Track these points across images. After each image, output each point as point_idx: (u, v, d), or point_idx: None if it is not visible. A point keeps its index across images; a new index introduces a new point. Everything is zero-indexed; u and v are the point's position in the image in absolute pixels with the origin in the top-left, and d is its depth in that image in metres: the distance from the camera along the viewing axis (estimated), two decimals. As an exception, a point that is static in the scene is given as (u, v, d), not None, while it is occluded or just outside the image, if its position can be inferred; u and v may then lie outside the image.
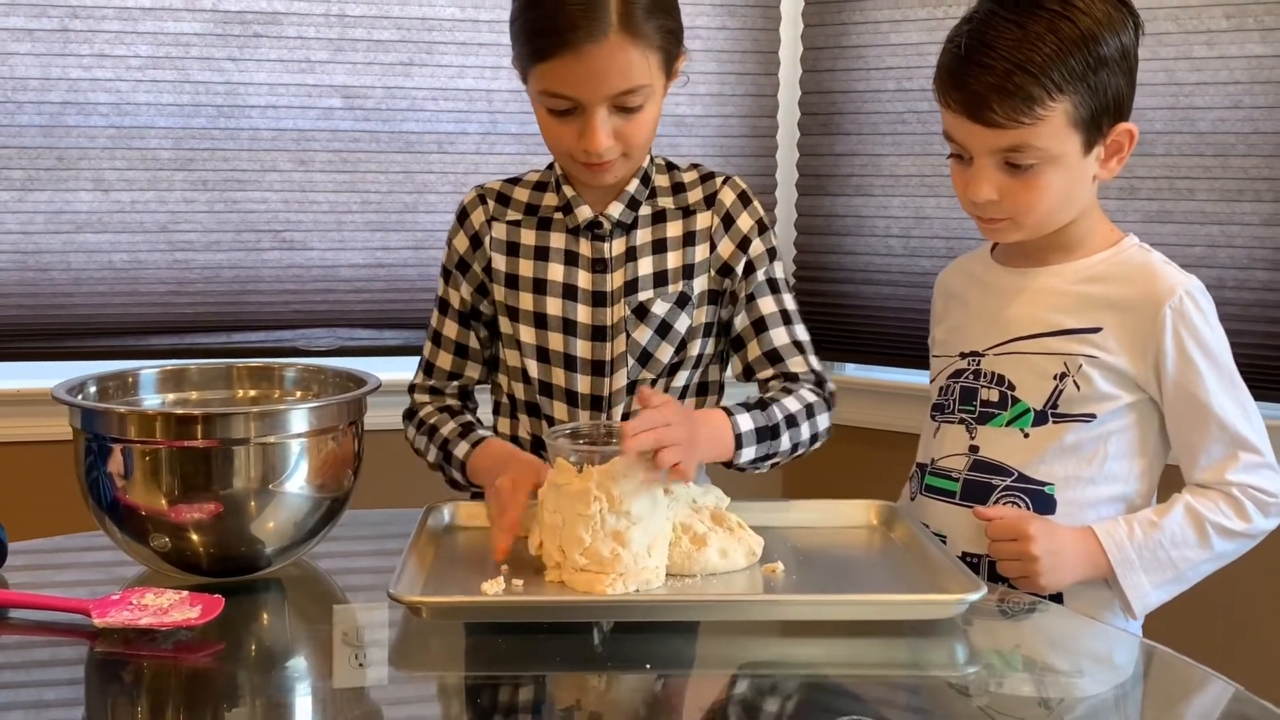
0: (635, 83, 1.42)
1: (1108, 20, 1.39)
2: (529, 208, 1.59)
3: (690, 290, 1.56)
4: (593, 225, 1.55)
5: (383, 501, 1.56)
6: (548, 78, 1.41)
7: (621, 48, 1.39)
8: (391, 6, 2.35)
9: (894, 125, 2.44)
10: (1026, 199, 1.42)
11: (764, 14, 2.51)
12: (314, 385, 1.49)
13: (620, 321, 1.54)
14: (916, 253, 2.43)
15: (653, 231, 1.57)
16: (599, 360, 1.55)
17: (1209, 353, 1.43)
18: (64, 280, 2.29)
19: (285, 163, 2.35)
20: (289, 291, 2.39)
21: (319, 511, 1.32)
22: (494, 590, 1.21)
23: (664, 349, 1.55)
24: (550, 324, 1.55)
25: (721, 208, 1.58)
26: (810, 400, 1.51)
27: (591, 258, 1.56)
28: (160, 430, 1.24)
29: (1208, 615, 2.09)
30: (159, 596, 1.20)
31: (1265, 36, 2.09)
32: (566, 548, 1.24)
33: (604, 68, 1.39)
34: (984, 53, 1.38)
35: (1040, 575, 1.39)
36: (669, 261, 1.56)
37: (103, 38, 2.25)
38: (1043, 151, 1.39)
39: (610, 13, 1.38)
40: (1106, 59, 1.38)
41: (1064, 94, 1.37)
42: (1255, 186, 2.12)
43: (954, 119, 1.42)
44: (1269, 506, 1.43)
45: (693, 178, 1.61)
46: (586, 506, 1.22)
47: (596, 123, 1.42)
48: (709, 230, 1.57)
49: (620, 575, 1.22)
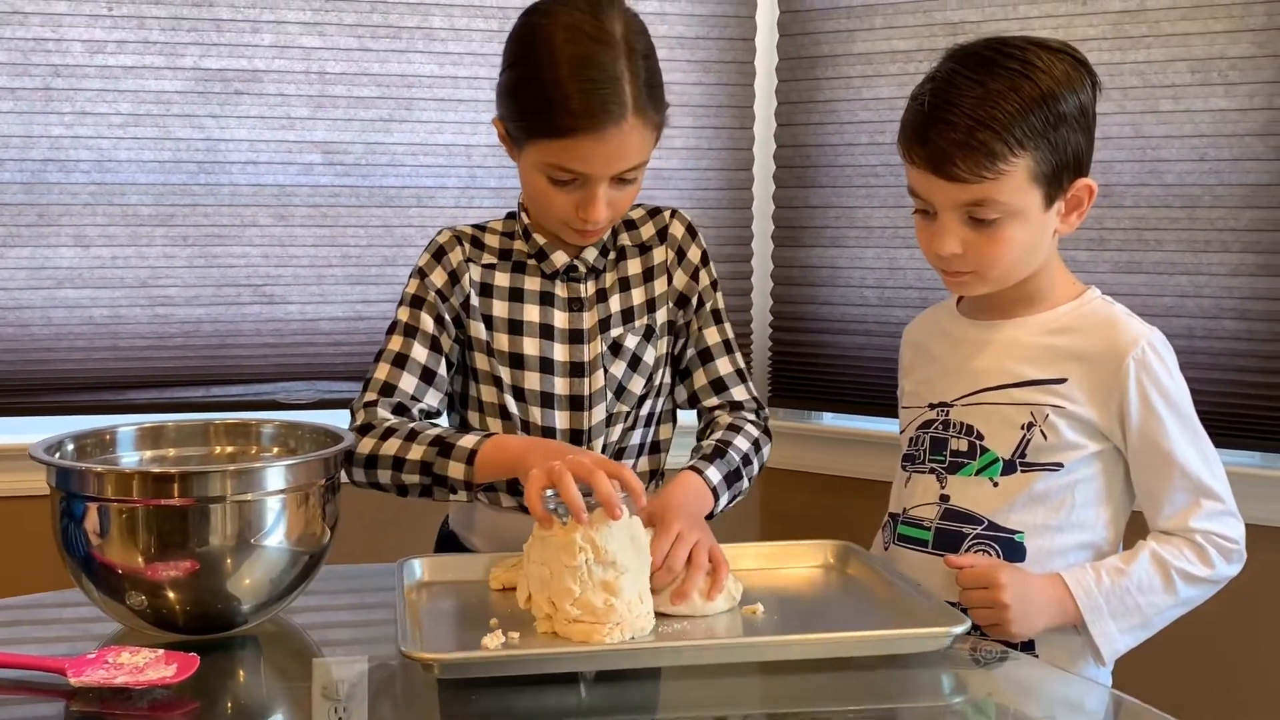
0: (639, 160, 1.47)
1: (1067, 79, 1.42)
2: (502, 252, 1.62)
3: (654, 323, 1.62)
4: (569, 270, 1.58)
5: (358, 556, 1.56)
6: (559, 154, 1.44)
7: (635, 130, 1.44)
8: (371, 64, 2.38)
9: (867, 178, 2.47)
10: (990, 252, 1.44)
11: (739, 70, 2.55)
12: (291, 441, 1.49)
13: (597, 358, 1.57)
14: (890, 303, 2.46)
15: (617, 271, 1.62)
16: (577, 395, 1.58)
17: (1171, 402, 1.45)
18: (44, 335, 2.30)
19: (265, 218, 2.37)
20: (268, 345, 2.40)
21: (295, 568, 1.33)
22: (494, 645, 1.21)
23: (636, 381, 1.59)
24: (527, 363, 1.57)
25: (674, 241, 1.65)
26: (755, 435, 1.60)
27: (567, 298, 1.59)
28: (137, 489, 1.25)
29: (1176, 664, 2.10)
30: (134, 655, 1.20)
31: (1229, 91, 2.13)
32: (556, 599, 1.24)
33: (619, 149, 1.44)
34: (947, 110, 1.41)
35: (1011, 623, 1.40)
36: (634, 298, 1.62)
37: (84, 95, 2.27)
38: (1005, 206, 1.42)
39: (627, 97, 1.42)
40: (1066, 116, 1.42)
41: (1025, 150, 1.40)
42: (1222, 237, 2.16)
43: (918, 174, 1.45)
44: (1231, 553, 1.46)
45: (640, 214, 1.67)
46: (572, 558, 1.23)
47: (599, 196, 1.46)
48: (665, 264, 1.63)
49: (616, 624, 1.23)
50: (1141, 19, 2.19)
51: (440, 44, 2.41)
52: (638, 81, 1.43)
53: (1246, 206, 2.13)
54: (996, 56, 1.42)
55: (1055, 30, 2.18)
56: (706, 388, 1.65)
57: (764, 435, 1.63)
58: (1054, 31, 2.16)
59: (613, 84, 1.41)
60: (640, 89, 1.43)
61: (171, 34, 2.29)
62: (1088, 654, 1.45)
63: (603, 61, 1.41)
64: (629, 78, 1.42)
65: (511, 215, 1.64)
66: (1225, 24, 2.12)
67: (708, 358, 1.65)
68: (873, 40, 2.43)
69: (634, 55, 1.44)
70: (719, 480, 1.50)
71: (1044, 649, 1.45)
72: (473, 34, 2.42)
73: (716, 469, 1.51)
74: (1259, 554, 1.52)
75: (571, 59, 1.41)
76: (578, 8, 1.45)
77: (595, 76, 1.41)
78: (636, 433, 1.62)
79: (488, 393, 1.60)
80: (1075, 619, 1.43)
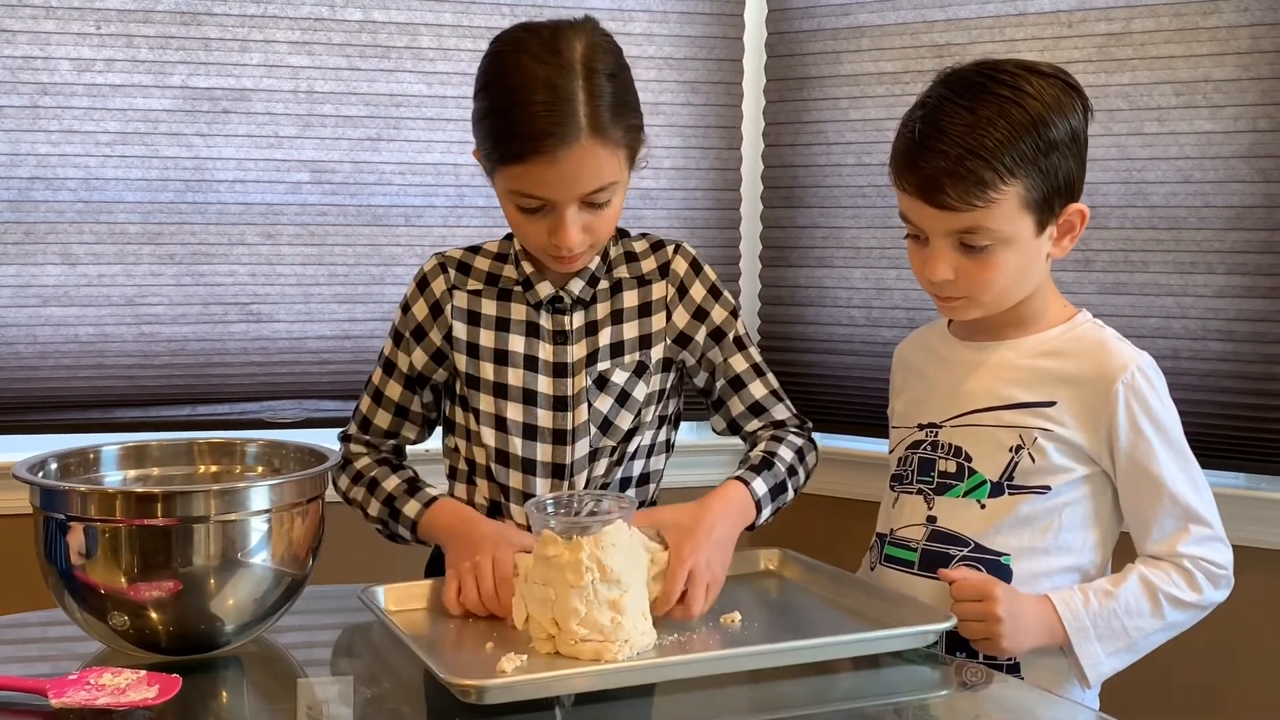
0: (605, 181, 1.45)
1: (1057, 104, 1.42)
2: (490, 277, 1.61)
3: (648, 359, 1.59)
4: (554, 300, 1.58)
5: (343, 577, 1.56)
6: (519, 180, 1.44)
7: (592, 151, 1.41)
8: (359, 83, 2.38)
9: (854, 199, 2.48)
10: (982, 278, 1.45)
11: (727, 90, 2.56)
12: (275, 461, 1.49)
13: (581, 391, 1.56)
14: (878, 323, 2.46)
15: (610, 303, 1.60)
16: (560, 429, 1.57)
17: (1160, 427, 1.45)
18: (30, 354, 2.29)
19: (253, 236, 2.37)
20: (255, 364, 2.40)
21: (279, 588, 1.32)
22: (511, 667, 1.20)
23: (623, 416, 1.58)
24: (510, 394, 1.57)
25: (675, 277, 1.62)
26: (799, 444, 1.62)
27: (553, 330, 1.58)
28: (120, 508, 1.25)
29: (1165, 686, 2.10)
30: (116, 676, 1.20)
31: (1214, 113, 2.14)
32: (561, 619, 1.24)
33: (575, 171, 1.42)
34: (937, 138, 1.41)
35: (1003, 637, 1.40)
36: (625, 332, 1.60)
37: (72, 113, 2.27)
38: (996, 233, 1.42)
39: (580, 118, 1.40)
40: (1057, 142, 1.42)
41: (1016, 178, 1.40)
42: (1208, 259, 2.16)
43: (909, 201, 1.45)
44: (1219, 579, 1.46)
45: (644, 247, 1.64)
46: (579, 578, 1.23)
47: (567, 220, 1.45)
48: (664, 300, 1.61)
49: (625, 641, 1.24)
50: (1127, 42, 2.20)
51: (429, 64, 2.41)
52: (596, 101, 1.41)
53: (1232, 228, 2.14)
54: (987, 82, 1.42)
55: (1041, 53, 2.19)
56: (745, 413, 1.65)
57: (809, 444, 1.64)
58: (1040, 54, 2.17)
59: (564, 105, 1.39)
60: (600, 107, 1.41)
61: (160, 52, 2.29)
62: (1073, 676, 1.45)
63: (555, 84, 1.40)
64: (584, 97, 1.40)
65: (509, 237, 1.63)
66: (1210, 47, 2.13)
67: (739, 385, 1.64)
68: (860, 62, 2.44)
69: (594, 75, 1.42)
70: (764, 492, 1.51)
71: (1029, 671, 1.45)
72: (461, 54, 2.42)
73: (763, 480, 1.52)
74: (1246, 575, 1.52)
75: (526, 85, 1.40)
76: (539, 34, 1.44)
77: (547, 99, 1.39)
78: (622, 467, 1.61)
79: (471, 420, 1.60)
80: (1062, 640, 1.43)
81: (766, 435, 1.63)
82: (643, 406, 1.60)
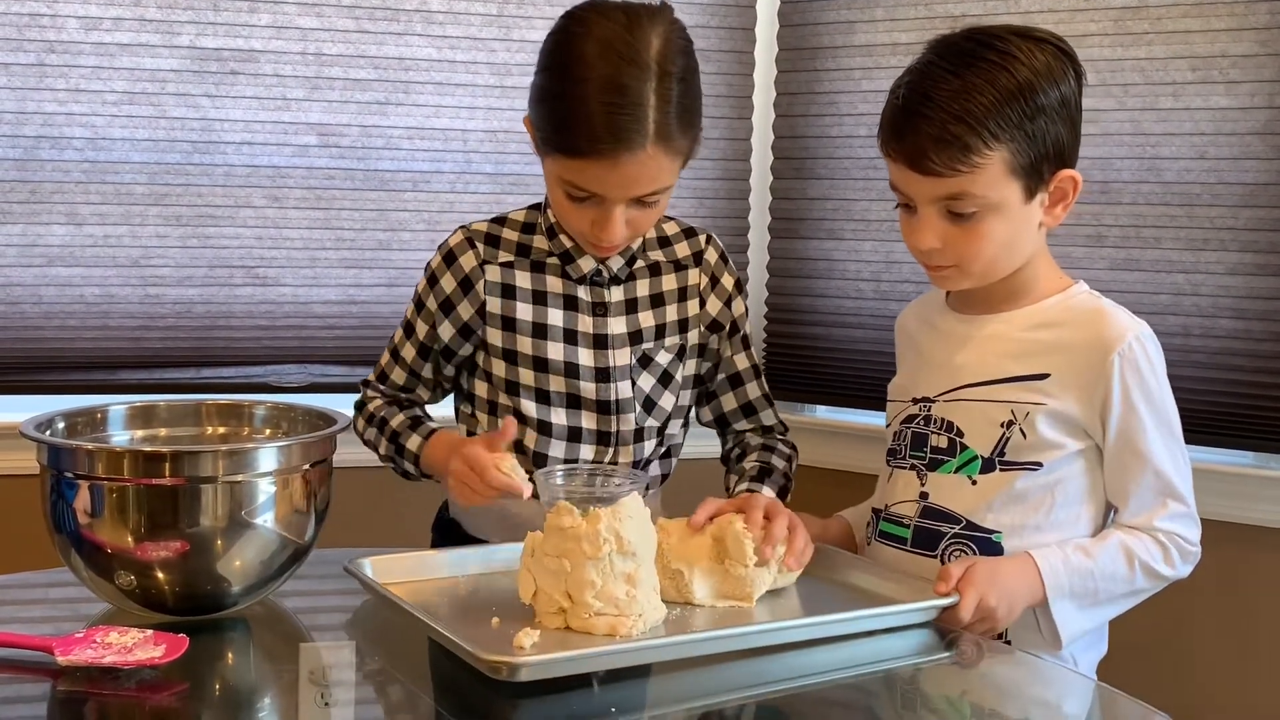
0: (661, 185, 1.43)
1: (1047, 70, 1.41)
2: (520, 248, 1.59)
3: (686, 342, 1.61)
4: (593, 274, 1.57)
5: (350, 541, 1.55)
6: (573, 172, 1.41)
7: (655, 158, 1.39)
8: (368, 46, 2.37)
9: (865, 170, 2.46)
10: (970, 247, 1.43)
11: (738, 59, 2.54)
12: (283, 423, 1.48)
13: (625, 366, 1.56)
14: (887, 296, 2.45)
15: (650, 285, 1.60)
16: (604, 400, 1.56)
17: (1153, 403, 1.45)
18: (35, 314, 2.29)
19: (259, 199, 2.36)
20: (261, 327, 2.39)
21: (286, 551, 1.32)
22: (529, 642, 1.17)
23: (666, 397, 1.59)
24: (551, 367, 1.56)
25: (708, 267, 1.64)
26: (788, 454, 1.66)
27: (591, 302, 1.57)
28: (128, 468, 1.24)
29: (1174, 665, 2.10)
30: (123, 635, 1.19)
31: (1229, 89, 2.12)
32: (575, 591, 1.23)
33: (636, 175, 1.40)
34: (922, 104, 1.40)
35: (1000, 621, 1.39)
36: (668, 315, 1.61)
37: (79, 73, 2.25)
38: (982, 199, 1.41)
39: (649, 124, 1.37)
40: (1044, 107, 1.40)
41: (1001, 142, 1.39)
42: (1220, 236, 2.15)
43: (896, 169, 1.45)
44: (1189, 554, 1.48)
45: (675, 231, 1.64)
46: (597, 549, 1.22)
47: (615, 217, 1.43)
48: (699, 288, 1.62)
49: (639, 615, 1.23)
50: (1143, 15, 2.18)
51: (438, 27, 2.40)
52: (666, 107, 1.37)
53: (1245, 205, 2.13)
54: (976, 48, 1.41)
55: (1056, 25, 2.17)
56: (737, 411, 1.68)
57: (794, 454, 1.68)
58: (1054, 26, 2.15)
59: (635, 110, 1.36)
60: (669, 115, 1.38)
61: (168, 12, 2.27)
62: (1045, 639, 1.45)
63: (628, 85, 1.36)
64: (655, 103, 1.36)
65: (536, 206, 1.62)
66: (1228, 22, 2.12)
67: (738, 382, 1.67)
68: (874, 32, 2.42)
69: (666, 79, 1.38)
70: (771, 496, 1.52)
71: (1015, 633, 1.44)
72: (471, 18, 2.41)
73: (769, 487, 1.55)
74: (1254, 554, 1.52)
75: (596, 79, 1.36)
76: (615, 20, 1.39)
77: (618, 101, 1.35)
78: (661, 449, 1.62)
79: (505, 398, 1.58)
80: (1041, 601, 1.42)
81: (756, 442, 1.65)
82: (681, 389, 1.61)
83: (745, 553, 1.33)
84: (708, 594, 1.34)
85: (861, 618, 1.31)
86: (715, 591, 1.34)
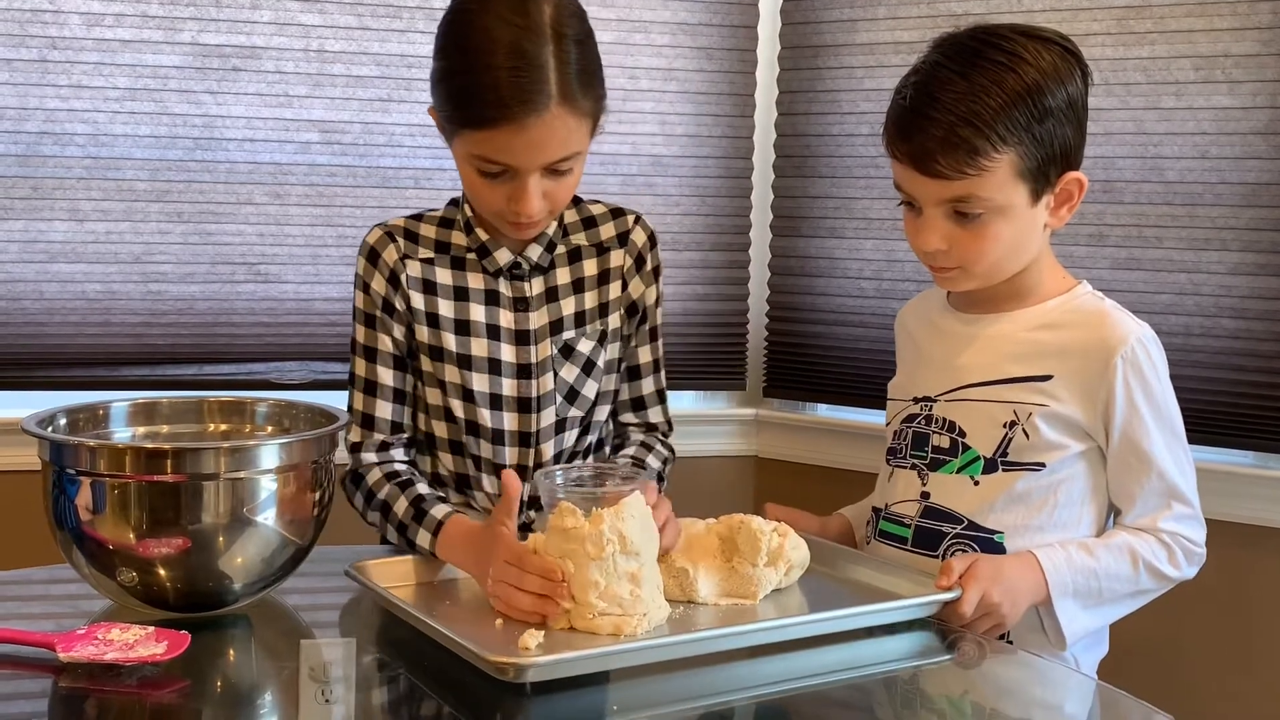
0: (571, 150, 1.43)
1: (1054, 70, 1.40)
2: (439, 245, 1.58)
3: (606, 327, 1.60)
4: (512, 267, 1.56)
5: (352, 538, 1.56)
6: (482, 145, 1.41)
7: (561, 120, 1.39)
8: (371, 43, 2.37)
9: (867, 169, 2.46)
10: (976, 248, 1.43)
11: (741, 58, 2.54)
12: (285, 421, 1.49)
13: (546, 359, 1.56)
14: (888, 295, 2.45)
15: (570, 271, 1.59)
16: (525, 398, 1.56)
17: (1156, 405, 1.45)
18: (36, 310, 2.29)
19: (261, 196, 2.36)
20: (262, 324, 2.39)
21: (288, 548, 1.32)
22: (534, 643, 1.18)
23: (589, 385, 1.58)
24: (475, 364, 1.55)
25: (634, 248, 1.63)
26: (665, 455, 1.66)
27: (512, 297, 1.57)
28: (130, 464, 1.24)
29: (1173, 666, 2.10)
30: (125, 632, 1.20)
31: (1232, 89, 2.12)
32: (579, 592, 1.23)
33: (543, 140, 1.39)
34: (929, 105, 1.39)
35: (1006, 619, 1.40)
36: (587, 301, 1.60)
37: (81, 69, 2.25)
38: (989, 202, 1.40)
39: (550, 85, 1.37)
40: (1052, 109, 1.39)
41: (1009, 145, 1.38)
42: (1222, 236, 2.15)
43: (902, 170, 1.44)
44: (1194, 555, 1.47)
45: (602, 211, 1.64)
46: (600, 550, 1.22)
47: (529, 188, 1.43)
48: (621, 269, 1.62)
49: (644, 615, 1.23)
50: (1146, 14, 2.18)
51: (441, 25, 2.39)
52: (566, 68, 1.38)
53: (1247, 205, 2.13)
54: (982, 48, 1.40)
55: (1060, 24, 2.17)
56: (627, 404, 1.68)
57: (671, 457, 1.68)
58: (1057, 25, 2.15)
59: (536, 72, 1.37)
60: (569, 75, 1.39)
61: (170, 8, 2.27)
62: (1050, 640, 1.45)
63: (526, 49, 1.37)
64: (555, 65, 1.38)
65: (454, 203, 1.61)
66: (1230, 21, 2.11)
67: (635, 375, 1.67)
68: (876, 30, 2.42)
69: (563, 40, 1.39)
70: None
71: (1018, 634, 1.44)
72: (474, 15, 2.40)
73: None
74: (1256, 555, 1.52)
75: (492, 47, 1.37)
76: None
77: (516, 64, 1.36)
78: (589, 437, 1.61)
79: (433, 395, 1.58)
80: (1045, 599, 1.42)
81: (637, 438, 1.66)
82: (605, 374, 1.61)
83: (759, 551, 1.33)
84: (712, 592, 1.34)
85: (865, 613, 1.31)
86: (720, 589, 1.34)
